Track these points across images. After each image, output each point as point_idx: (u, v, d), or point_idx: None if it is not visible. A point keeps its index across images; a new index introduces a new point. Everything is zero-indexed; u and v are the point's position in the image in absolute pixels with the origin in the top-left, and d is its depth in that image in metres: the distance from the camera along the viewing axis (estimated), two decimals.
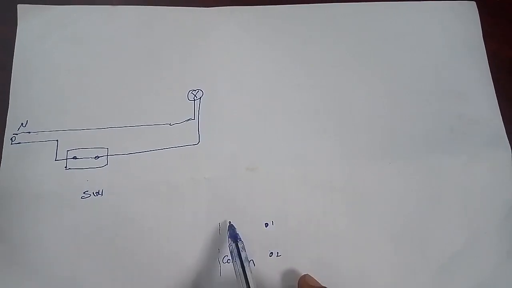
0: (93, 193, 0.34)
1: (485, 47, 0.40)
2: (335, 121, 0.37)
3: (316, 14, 0.40)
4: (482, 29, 0.40)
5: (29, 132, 0.35)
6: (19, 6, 0.38)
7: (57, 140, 0.35)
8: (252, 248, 0.34)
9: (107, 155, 0.35)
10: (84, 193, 0.34)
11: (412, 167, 0.36)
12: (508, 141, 0.37)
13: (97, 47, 0.38)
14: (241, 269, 0.29)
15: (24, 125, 0.35)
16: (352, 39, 0.39)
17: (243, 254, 0.31)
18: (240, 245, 0.31)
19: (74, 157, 0.35)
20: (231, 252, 0.31)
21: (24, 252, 0.33)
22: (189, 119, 0.36)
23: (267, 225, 0.34)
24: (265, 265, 0.33)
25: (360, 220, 0.35)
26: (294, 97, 0.37)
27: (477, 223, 0.35)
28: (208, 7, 0.39)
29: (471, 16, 0.41)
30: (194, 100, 0.37)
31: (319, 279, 0.32)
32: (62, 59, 0.37)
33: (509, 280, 0.34)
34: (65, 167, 0.34)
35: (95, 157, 0.35)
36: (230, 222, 0.33)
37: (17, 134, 0.35)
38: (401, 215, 0.35)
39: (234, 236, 0.32)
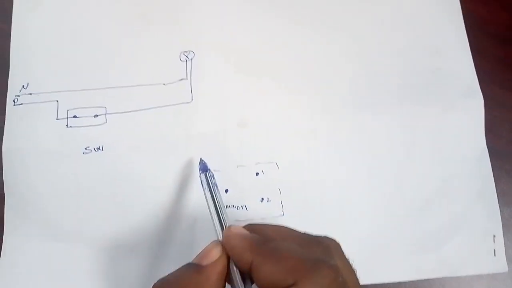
0: (94, 148, 0.36)
1: (461, 6, 0.41)
2: (317, 78, 0.39)
3: None
4: None
5: (31, 94, 0.37)
6: None
7: (57, 101, 0.37)
8: (244, 195, 0.36)
9: (106, 114, 0.37)
10: (85, 148, 0.36)
11: (389, 117, 0.38)
12: (480, 91, 0.39)
13: (92, 10, 0.39)
14: (210, 195, 0.29)
15: (25, 87, 0.37)
16: None
17: (212, 182, 0.30)
18: (209, 174, 0.31)
19: (74, 116, 0.37)
20: (202, 185, 0.31)
21: (32, 204, 0.35)
22: (181, 79, 0.38)
23: (258, 174, 0.37)
24: (256, 210, 0.36)
25: (340, 165, 0.37)
26: (281, 54, 0.39)
27: (450, 167, 0.37)
28: None
29: None
30: (186, 61, 0.39)
31: (304, 220, 0.35)
32: (58, 23, 0.39)
33: (478, 218, 0.37)
34: (66, 125, 0.36)
35: (94, 115, 0.37)
36: (201, 158, 0.34)
37: (19, 95, 0.37)
38: (379, 161, 0.37)
39: (204, 168, 0.32)
